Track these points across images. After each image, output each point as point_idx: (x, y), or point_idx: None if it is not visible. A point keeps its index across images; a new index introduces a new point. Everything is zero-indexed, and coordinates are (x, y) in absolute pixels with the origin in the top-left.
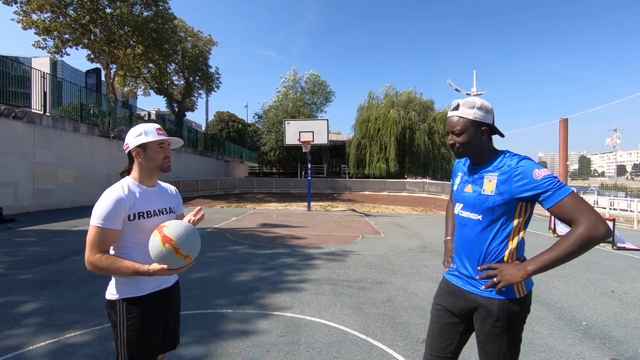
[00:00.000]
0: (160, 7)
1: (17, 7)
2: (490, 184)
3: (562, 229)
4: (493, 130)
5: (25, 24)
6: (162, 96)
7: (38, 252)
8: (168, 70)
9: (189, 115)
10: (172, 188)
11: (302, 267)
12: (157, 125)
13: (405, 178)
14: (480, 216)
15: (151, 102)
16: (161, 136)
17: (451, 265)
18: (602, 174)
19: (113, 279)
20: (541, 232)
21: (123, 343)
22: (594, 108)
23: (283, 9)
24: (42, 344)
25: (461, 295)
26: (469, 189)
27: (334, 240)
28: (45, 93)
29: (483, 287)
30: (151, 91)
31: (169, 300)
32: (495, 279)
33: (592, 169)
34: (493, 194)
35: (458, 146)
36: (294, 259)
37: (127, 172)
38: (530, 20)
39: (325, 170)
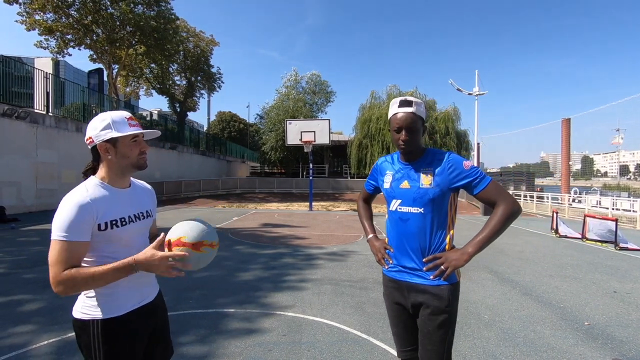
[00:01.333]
0: (163, 8)
1: (19, 7)
2: (427, 177)
3: (564, 229)
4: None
5: (28, 24)
6: (164, 96)
7: (41, 252)
8: (170, 70)
9: (191, 116)
10: (147, 187)
11: (303, 267)
12: (128, 114)
13: None
14: (422, 209)
15: (153, 103)
16: (134, 128)
17: (390, 262)
18: (605, 174)
19: (82, 294)
20: (543, 232)
21: None
22: (596, 108)
23: (285, 9)
24: (45, 342)
25: (410, 289)
26: (405, 184)
27: (335, 240)
28: (47, 93)
29: (432, 276)
30: (153, 91)
31: (151, 316)
32: (442, 267)
33: (594, 169)
34: (431, 186)
35: (409, 143)
36: (295, 259)
37: (92, 171)
38: (534, 19)
39: (326, 170)
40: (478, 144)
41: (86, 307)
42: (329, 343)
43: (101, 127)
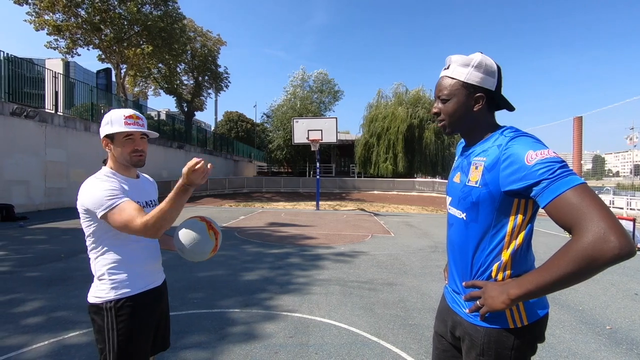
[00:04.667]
0: (170, 7)
1: (29, 7)
2: (476, 171)
3: None
4: (495, 99)
5: (37, 24)
6: (171, 96)
7: (47, 250)
8: (177, 70)
9: (198, 115)
10: (150, 179)
11: (310, 267)
12: (128, 112)
13: (415, 177)
14: (464, 214)
15: (161, 102)
16: (129, 126)
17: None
18: (617, 174)
19: (96, 281)
20: (556, 232)
21: (112, 349)
22: (609, 105)
23: (291, 9)
24: (45, 342)
25: (450, 315)
26: (457, 177)
27: (343, 240)
28: (56, 93)
29: (467, 310)
30: (161, 91)
31: (159, 300)
32: (478, 302)
33: (606, 168)
34: (478, 185)
35: (442, 117)
36: (302, 259)
37: (105, 162)
38: (545, 15)
39: (333, 169)
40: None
41: (99, 290)
42: (337, 345)
43: (104, 122)
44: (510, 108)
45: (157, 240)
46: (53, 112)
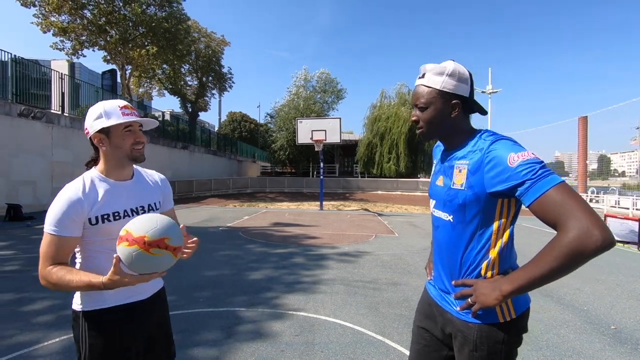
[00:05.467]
0: (174, 8)
1: (36, 9)
2: (460, 174)
3: None
4: (470, 105)
5: (43, 26)
6: (176, 96)
7: None
8: (182, 70)
9: (202, 116)
10: (156, 177)
11: (315, 267)
12: (123, 102)
13: (418, 177)
14: (451, 216)
15: (165, 103)
16: (128, 117)
17: (433, 274)
18: (623, 174)
19: None
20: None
21: (84, 359)
22: (615, 105)
23: (295, 10)
24: (56, 340)
25: (439, 311)
26: (440, 181)
27: (347, 240)
28: (63, 94)
29: (458, 307)
30: (165, 92)
31: (146, 315)
32: (469, 299)
33: (611, 168)
34: (463, 187)
35: (421, 125)
36: (307, 259)
37: (94, 162)
38: (548, 15)
39: (337, 169)
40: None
41: (77, 297)
42: (343, 344)
43: (94, 117)
44: (483, 112)
45: None
46: (59, 113)
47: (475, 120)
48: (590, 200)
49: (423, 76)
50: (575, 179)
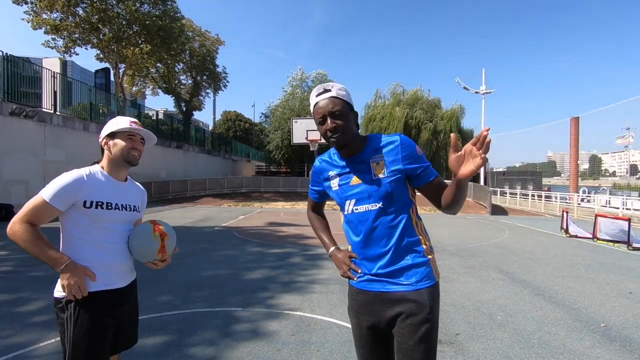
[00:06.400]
0: (169, 6)
1: (27, 7)
2: (379, 166)
3: (575, 229)
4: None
5: (35, 23)
6: (170, 95)
7: None
8: (176, 69)
9: (197, 115)
10: (140, 187)
11: (311, 267)
12: (134, 119)
13: None
14: (380, 203)
15: (159, 102)
16: (132, 125)
17: (358, 272)
18: (614, 174)
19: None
20: (553, 232)
21: (70, 345)
22: (606, 106)
23: (290, 8)
24: (52, 340)
25: (384, 300)
26: (355, 180)
27: (342, 239)
28: (55, 92)
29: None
30: (159, 91)
31: (121, 302)
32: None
33: (602, 168)
34: (385, 175)
35: (339, 130)
36: (302, 258)
37: (98, 163)
38: (540, 16)
39: None
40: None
41: (61, 284)
42: (338, 343)
43: (109, 125)
44: (357, 127)
45: (125, 245)
46: (52, 111)
47: (473, 120)
48: (582, 200)
49: (330, 91)
50: (567, 178)
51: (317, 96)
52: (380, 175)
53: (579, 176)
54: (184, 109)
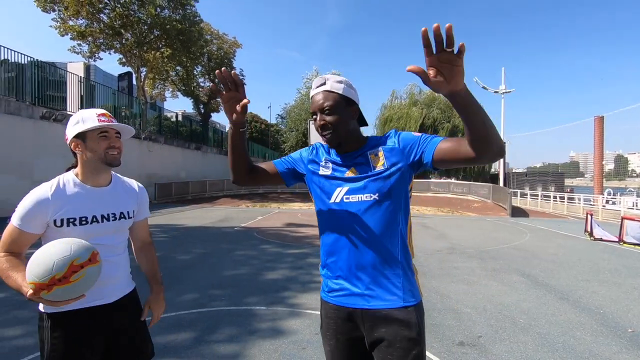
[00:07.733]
0: (188, 10)
1: (55, 14)
2: (377, 158)
3: (599, 231)
4: (360, 113)
5: (62, 30)
6: (188, 98)
7: None
8: (195, 72)
9: (215, 117)
10: (134, 185)
11: None
12: (100, 110)
13: (430, 178)
14: (376, 195)
15: (178, 104)
16: (103, 122)
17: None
18: None
19: None
20: (576, 234)
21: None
22: (632, 105)
23: (304, 9)
24: None
25: (366, 317)
26: (350, 172)
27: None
28: (81, 96)
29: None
30: (178, 93)
31: (107, 318)
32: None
33: (629, 169)
34: (385, 167)
35: (330, 128)
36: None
37: (75, 167)
38: (563, 13)
39: None
40: (504, 143)
41: None
42: None
43: (73, 122)
44: (365, 123)
45: (112, 260)
46: None
47: (492, 119)
48: (607, 202)
49: (324, 84)
50: (591, 179)
51: (314, 89)
52: (381, 167)
53: (604, 177)
54: (202, 111)
